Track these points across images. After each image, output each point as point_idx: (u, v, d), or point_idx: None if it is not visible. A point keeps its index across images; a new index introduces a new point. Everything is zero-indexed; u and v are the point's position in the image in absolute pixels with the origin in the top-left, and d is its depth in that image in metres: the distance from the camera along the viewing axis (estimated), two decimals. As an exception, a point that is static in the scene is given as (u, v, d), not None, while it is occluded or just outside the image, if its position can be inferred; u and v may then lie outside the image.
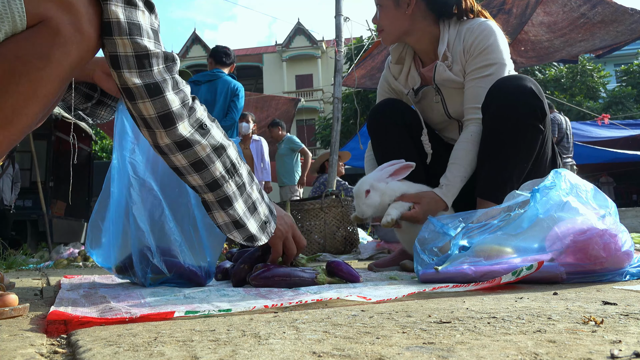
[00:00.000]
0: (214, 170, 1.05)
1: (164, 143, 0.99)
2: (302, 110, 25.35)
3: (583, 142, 9.17)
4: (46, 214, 5.73)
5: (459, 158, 1.63)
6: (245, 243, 1.14)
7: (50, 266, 3.30)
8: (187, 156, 1.01)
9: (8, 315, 0.84)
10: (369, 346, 0.54)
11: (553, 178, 1.18)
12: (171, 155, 1.01)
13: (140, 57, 0.91)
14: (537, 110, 1.53)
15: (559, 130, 6.00)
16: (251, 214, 1.14)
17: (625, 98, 17.75)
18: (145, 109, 0.94)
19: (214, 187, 1.06)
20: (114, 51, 0.89)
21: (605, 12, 5.06)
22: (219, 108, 3.81)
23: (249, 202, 1.13)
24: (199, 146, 1.01)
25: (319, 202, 3.19)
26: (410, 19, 1.74)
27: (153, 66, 0.92)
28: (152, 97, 0.93)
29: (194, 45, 30.62)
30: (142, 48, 0.90)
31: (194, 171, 1.03)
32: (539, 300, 0.86)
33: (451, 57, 1.71)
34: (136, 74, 0.91)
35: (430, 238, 1.31)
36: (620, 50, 6.05)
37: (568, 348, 0.50)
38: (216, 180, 1.05)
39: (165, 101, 0.95)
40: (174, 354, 0.53)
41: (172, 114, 0.96)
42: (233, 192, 1.09)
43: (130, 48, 0.89)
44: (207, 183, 1.05)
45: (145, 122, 0.96)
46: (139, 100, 0.93)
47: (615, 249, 1.08)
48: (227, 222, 1.11)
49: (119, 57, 0.89)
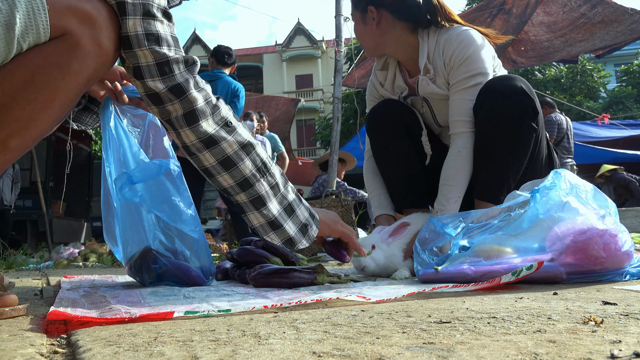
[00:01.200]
0: (244, 168, 1.04)
1: (191, 142, 1.01)
2: (302, 110, 25.34)
3: (583, 142, 9.17)
4: (46, 214, 5.73)
5: (449, 178, 1.60)
6: (285, 246, 1.12)
7: (50, 266, 3.30)
8: (214, 154, 1.02)
9: (8, 315, 0.84)
10: (369, 346, 0.54)
11: (553, 178, 1.18)
12: (199, 155, 1.02)
13: (161, 64, 0.94)
14: (529, 109, 1.54)
15: (559, 131, 5.99)
16: (288, 215, 1.11)
17: (625, 98, 17.74)
18: (174, 110, 0.97)
19: (246, 186, 1.05)
20: (137, 63, 0.93)
21: (605, 12, 5.06)
22: None
23: (284, 203, 1.11)
24: (225, 143, 1.02)
25: (318, 202, 3.19)
26: (379, 32, 1.73)
27: (174, 71, 0.96)
28: (178, 97, 0.97)
29: (194, 45, 30.60)
30: (161, 56, 0.94)
31: (223, 170, 1.04)
32: (539, 300, 0.86)
33: (433, 69, 1.69)
34: (159, 81, 0.95)
35: (430, 238, 1.31)
36: (620, 50, 6.05)
37: (568, 348, 0.50)
38: (247, 178, 1.05)
39: (189, 99, 0.97)
40: (174, 354, 0.53)
41: (196, 111, 0.99)
42: (266, 192, 1.07)
43: (151, 57, 0.93)
44: (238, 182, 1.05)
45: (171, 123, 0.99)
46: (167, 103, 0.97)
47: (615, 249, 1.08)
48: (262, 224, 1.09)
49: (141, 67, 0.93)
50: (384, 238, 1.59)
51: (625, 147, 9.95)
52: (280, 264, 1.42)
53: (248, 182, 1.05)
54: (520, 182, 1.58)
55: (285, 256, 1.47)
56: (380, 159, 1.88)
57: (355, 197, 5.26)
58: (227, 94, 3.83)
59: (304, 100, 26.11)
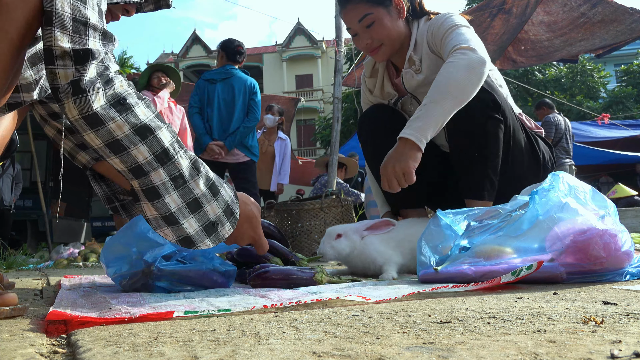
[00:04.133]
0: (137, 154, 0.91)
1: (72, 117, 0.88)
2: (302, 110, 25.34)
3: (583, 142, 9.17)
4: (46, 214, 5.73)
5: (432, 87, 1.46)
6: (181, 245, 0.98)
7: (50, 266, 3.31)
8: (100, 135, 0.88)
9: (8, 315, 0.84)
10: (369, 346, 0.54)
11: (551, 180, 1.18)
12: (83, 134, 0.89)
13: (78, 21, 0.84)
14: (489, 103, 1.56)
15: (557, 131, 5.98)
16: (191, 212, 0.97)
17: (625, 98, 17.73)
18: (64, 76, 0.85)
19: (139, 173, 0.93)
20: (50, 7, 0.81)
21: (605, 11, 5.06)
22: (240, 107, 3.75)
23: (187, 197, 0.96)
24: (113, 124, 0.88)
25: (319, 202, 3.19)
26: (404, 22, 1.72)
27: (89, 35, 0.85)
28: (77, 64, 0.84)
29: (194, 45, 30.60)
30: (82, 14, 0.84)
31: (112, 153, 0.91)
32: (539, 300, 0.86)
33: (418, 58, 1.69)
34: (68, 37, 0.83)
35: (437, 236, 1.29)
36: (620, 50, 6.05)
37: (568, 348, 0.50)
38: (140, 165, 0.92)
39: (85, 68, 0.86)
40: (174, 354, 0.53)
41: (82, 81, 0.86)
42: (163, 183, 0.94)
43: (68, 9, 0.83)
44: (130, 168, 0.93)
45: (57, 91, 0.86)
46: (60, 65, 0.84)
47: (615, 249, 1.08)
48: (155, 217, 0.96)
49: (54, 13, 0.82)
50: (360, 229, 1.56)
51: (625, 147, 9.95)
52: (280, 264, 1.42)
53: (142, 169, 0.92)
54: (504, 174, 1.61)
55: (284, 256, 1.47)
56: (371, 164, 1.89)
57: (357, 200, 5.25)
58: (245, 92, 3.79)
59: (304, 100, 26.07)
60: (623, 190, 7.84)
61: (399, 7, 1.69)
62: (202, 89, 3.81)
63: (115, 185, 1.35)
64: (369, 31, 1.69)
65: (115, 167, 0.93)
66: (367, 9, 1.66)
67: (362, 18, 1.67)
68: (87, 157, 1.30)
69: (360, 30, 1.70)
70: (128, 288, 1.20)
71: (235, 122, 3.72)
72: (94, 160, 1.30)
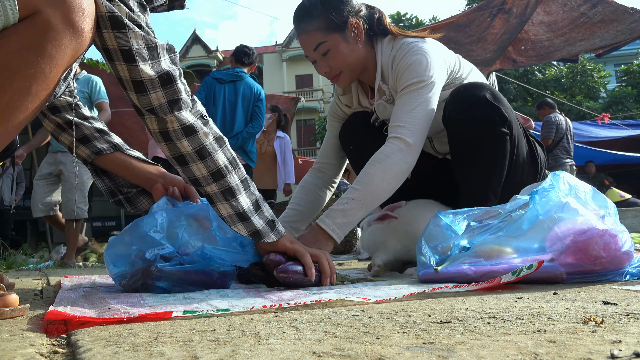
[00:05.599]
0: (218, 159, 1.08)
1: (172, 128, 1.02)
2: (302, 110, 25.34)
3: (583, 142, 9.16)
4: (46, 213, 5.72)
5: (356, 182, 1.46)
6: (251, 238, 1.16)
7: (50, 266, 3.31)
8: (192, 142, 1.04)
9: (8, 316, 0.84)
10: (369, 346, 0.54)
11: (552, 180, 1.18)
12: (177, 142, 1.04)
13: (151, 48, 0.94)
14: (496, 117, 1.50)
15: (558, 131, 5.99)
16: (256, 210, 1.15)
17: (625, 98, 17.73)
18: (157, 98, 0.98)
19: (218, 177, 1.08)
20: (127, 45, 0.90)
21: (605, 11, 5.06)
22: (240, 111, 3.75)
23: (252, 198, 1.15)
24: (202, 133, 1.05)
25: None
26: (363, 45, 1.61)
27: (161, 56, 0.96)
28: (164, 85, 0.97)
29: (194, 45, 30.58)
30: (150, 40, 0.93)
31: (198, 159, 1.06)
32: (539, 300, 0.86)
33: (388, 88, 1.62)
34: (150, 65, 0.94)
35: (436, 236, 1.30)
36: (620, 50, 6.05)
37: (568, 348, 0.50)
38: (220, 170, 1.08)
39: (175, 89, 0.99)
40: (174, 354, 0.53)
41: (180, 101, 1.01)
42: (236, 184, 1.11)
43: (142, 41, 0.92)
44: (211, 172, 1.08)
45: (154, 111, 0.99)
46: (150, 91, 0.96)
47: (615, 249, 1.08)
48: (231, 214, 1.12)
49: (132, 50, 0.91)
50: (370, 220, 1.69)
51: (625, 147, 9.95)
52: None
53: (221, 173, 1.08)
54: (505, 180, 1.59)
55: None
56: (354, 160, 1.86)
57: None
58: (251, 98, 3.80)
59: (304, 100, 26.09)
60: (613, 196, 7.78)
61: (356, 32, 1.59)
62: (209, 87, 3.82)
63: (118, 178, 1.37)
64: (325, 59, 1.60)
65: (196, 173, 1.08)
66: (322, 37, 1.57)
67: (316, 47, 1.58)
68: (87, 151, 1.30)
69: (317, 58, 1.62)
70: (128, 288, 1.19)
71: (237, 126, 3.73)
72: (94, 155, 1.30)
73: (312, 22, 1.58)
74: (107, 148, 1.31)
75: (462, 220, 1.30)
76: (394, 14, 21.23)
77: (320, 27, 1.57)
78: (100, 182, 1.37)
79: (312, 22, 1.58)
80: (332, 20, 1.56)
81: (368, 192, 1.43)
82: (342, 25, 1.57)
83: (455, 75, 1.64)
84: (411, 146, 1.44)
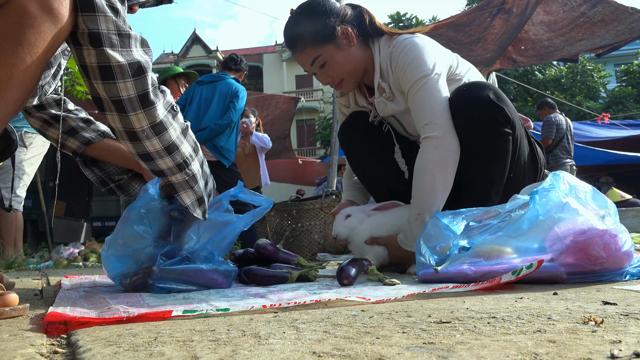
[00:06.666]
0: (184, 150, 1.05)
1: (141, 127, 0.94)
2: (302, 110, 25.33)
3: (583, 142, 9.16)
4: (46, 214, 5.73)
5: (413, 195, 1.54)
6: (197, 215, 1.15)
7: (50, 266, 3.30)
8: (162, 140, 0.99)
9: (8, 315, 0.84)
10: (369, 346, 0.54)
11: (552, 180, 1.18)
12: (146, 141, 0.97)
13: (122, 35, 0.87)
14: (500, 118, 1.51)
15: (558, 131, 5.98)
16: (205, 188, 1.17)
17: (625, 98, 17.73)
18: (125, 89, 0.89)
19: (183, 166, 1.06)
20: (96, 28, 0.84)
21: (606, 11, 5.06)
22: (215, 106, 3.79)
23: (205, 178, 1.17)
24: (172, 128, 1.00)
25: (319, 202, 3.19)
26: (357, 50, 1.63)
27: (132, 46, 0.90)
28: (134, 76, 0.90)
29: (194, 45, 30.56)
30: (122, 28, 0.87)
31: (166, 154, 1.01)
32: (539, 300, 0.86)
33: (387, 85, 1.62)
34: (119, 52, 0.87)
35: (435, 236, 1.30)
36: (620, 50, 6.05)
37: (568, 348, 0.50)
38: (185, 160, 1.06)
39: (146, 81, 0.91)
40: (174, 354, 0.53)
41: (149, 94, 0.92)
42: (198, 170, 1.10)
43: (113, 26, 0.85)
44: (177, 164, 1.04)
45: (122, 104, 0.91)
46: (119, 79, 0.88)
47: (615, 249, 1.08)
48: (193, 202, 1.12)
49: (101, 34, 0.84)
50: (366, 209, 1.67)
51: (625, 147, 9.94)
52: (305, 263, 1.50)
53: (186, 162, 1.06)
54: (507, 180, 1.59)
55: (287, 261, 1.49)
56: (361, 175, 1.88)
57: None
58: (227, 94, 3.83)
59: (304, 100, 26.10)
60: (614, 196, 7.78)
61: (347, 38, 1.60)
62: (190, 90, 3.90)
63: (108, 167, 1.37)
64: (324, 71, 1.63)
65: (161, 166, 1.03)
66: (315, 52, 1.60)
67: (312, 62, 1.61)
68: (76, 142, 1.31)
69: (316, 71, 1.65)
70: (128, 288, 1.19)
71: (207, 120, 3.75)
72: (84, 146, 1.31)
73: (302, 40, 1.60)
74: (96, 137, 1.30)
75: (460, 221, 1.30)
76: (393, 14, 21.23)
77: (311, 43, 1.59)
78: (89, 172, 1.37)
79: (302, 39, 1.60)
80: (321, 33, 1.58)
81: (421, 198, 1.50)
82: (331, 35, 1.59)
83: (454, 72, 1.65)
84: (442, 137, 1.49)
